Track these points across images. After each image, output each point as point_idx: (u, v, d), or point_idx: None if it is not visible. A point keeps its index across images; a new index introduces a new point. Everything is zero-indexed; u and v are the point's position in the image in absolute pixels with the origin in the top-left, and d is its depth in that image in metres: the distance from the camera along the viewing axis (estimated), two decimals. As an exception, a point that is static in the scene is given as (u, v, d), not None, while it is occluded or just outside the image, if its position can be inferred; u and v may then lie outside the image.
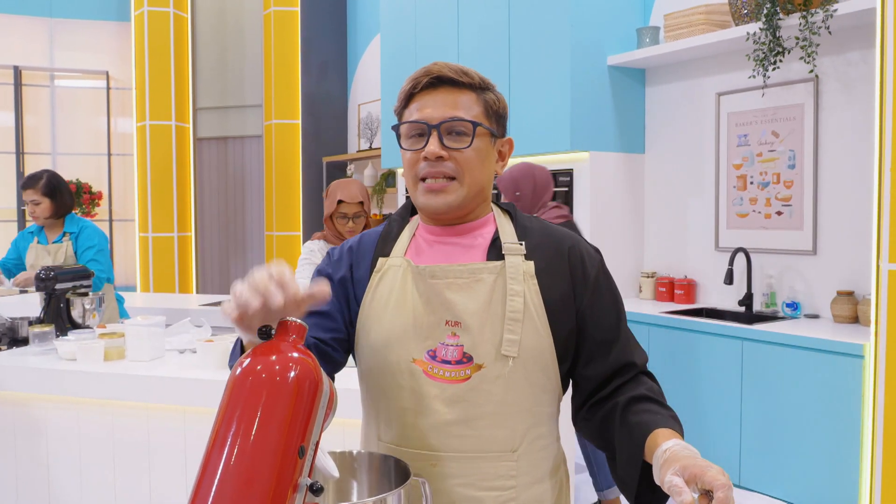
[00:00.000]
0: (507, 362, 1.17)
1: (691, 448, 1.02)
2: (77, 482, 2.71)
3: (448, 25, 5.20)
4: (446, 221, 1.27)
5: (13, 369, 2.72)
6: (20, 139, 7.05)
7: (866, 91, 3.59)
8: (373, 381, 1.25)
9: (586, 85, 4.40)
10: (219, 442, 0.83)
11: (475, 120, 1.21)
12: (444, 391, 1.18)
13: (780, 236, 4.00)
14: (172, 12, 6.98)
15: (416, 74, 1.24)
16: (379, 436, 1.26)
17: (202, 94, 7.43)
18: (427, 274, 1.21)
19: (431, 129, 1.20)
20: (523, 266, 1.21)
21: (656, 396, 1.20)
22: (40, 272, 3.14)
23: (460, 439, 1.18)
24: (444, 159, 1.20)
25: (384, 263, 1.26)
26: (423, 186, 1.23)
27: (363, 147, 6.99)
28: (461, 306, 1.19)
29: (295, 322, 0.94)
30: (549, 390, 1.23)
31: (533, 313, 1.19)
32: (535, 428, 1.22)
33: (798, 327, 3.53)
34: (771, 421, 3.48)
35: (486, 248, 1.25)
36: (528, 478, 1.21)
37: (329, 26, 7.25)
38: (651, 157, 4.68)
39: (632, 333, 1.29)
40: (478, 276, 1.20)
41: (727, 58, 4.21)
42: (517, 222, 1.28)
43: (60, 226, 3.74)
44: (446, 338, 1.19)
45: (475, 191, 1.24)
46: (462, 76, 1.22)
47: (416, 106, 1.23)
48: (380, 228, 1.34)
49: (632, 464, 1.12)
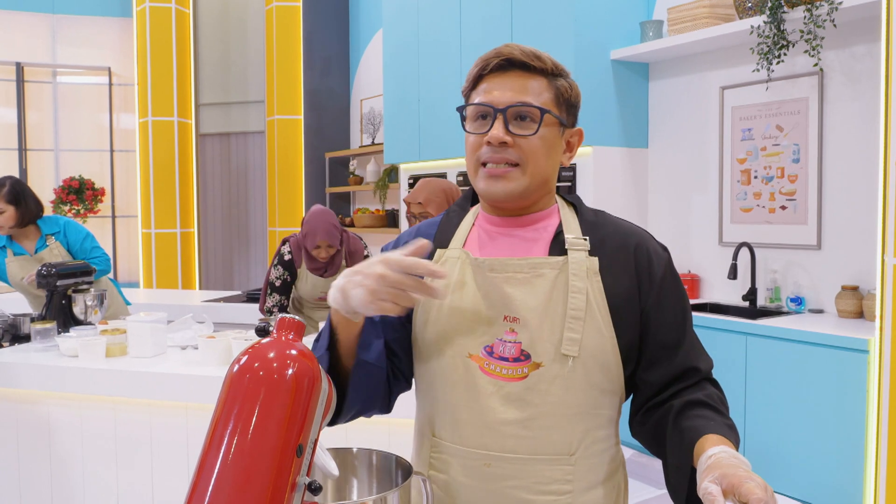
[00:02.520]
0: (566, 362, 1.12)
1: (739, 457, 0.97)
2: (80, 478, 2.71)
3: (450, 20, 5.18)
4: (507, 212, 1.21)
5: (15, 366, 2.72)
6: (23, 136, 7.05)
7: (871, 85, 3.56)
8: (427, 375, 1.21)
9: (589, 79, 4.38)
10: (216, 440, 0.82)
11: (544, 107, 1.15)
12: (500, 389, 1.14)
13: (785, 231, 3.98)
14: (175, 8, 6.97)
15: (486, 55, 1.18)
16: (433, 431, 1.21)
17: (204, 90, 7.43)
18: (486, 267, 1.16)
19: (497, 113, 1.14)
20: (587, 262, 1.16)
21: (713, 402, 1.14)
22: (41, 269, 3.14)
23: (516, 440, 1.13)
24: (507, 145, 1.14)
25: (442, 255, 1.21)
26: (483, 171, 1.17)
27: (366, 142, 6.98)
28: (520, 301, 1.14)
29: (293, 319, 0.93)
30: (610, 392, 1.17)
31: (595, 312, 1.13)
32: (593, 431, 1.16)
33: (802, 322, 3.52)
34: (775, 416, 3.47)
35: (548, 241, 1.19)
36: (584, 483, 1.16)
37: (331, 21, 7.23)
38: (655, 152, 4.66)
39: (698, 338, 1.23)
40: (538, 270, 1.15)
41: (731, 52, 4.18)
42: (582, 216, 1.23)
43: (35, 232, 3.56)
44: (504, 334, 1.14)
45: (538, 181, 1.18)
46: (534, 60, 1.16)
47: (484, 88, 1.17)
48: (438, 219, 1.29)
49: (681, 470, 1.07)
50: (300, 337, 0.94)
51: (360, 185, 6.81)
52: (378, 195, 6.52)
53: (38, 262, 3.50)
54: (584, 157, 4.46)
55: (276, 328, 0.93)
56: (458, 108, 1.20)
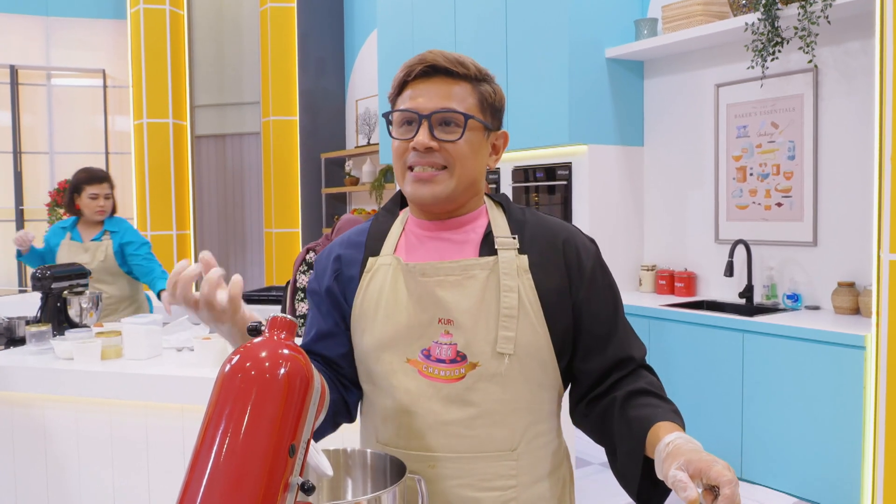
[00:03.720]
0: (503, 360, 1.14)
1: (694, 441, 1.00)
2: (76, 481, 2.70)
3: (445, 20, 5.18)
4: (436, 215, 1.23)
5: (10, 369, 2.71)
6: (17, 138, 7.03)
7: (866, 81, 3.56)
8: (368, 381, 1.23)
9: (584, 78, 4.38)
10: (207, 441, 0.82)
11: (468, 112, 1.17)
12: (439, 391, 1.16)
13: (781, 228, 3.98)
14: (169, 9, 6.95)
15: (410, 62, 1.20)
16: (377, 437, 1.24)
17: (199, 92, 7.41)
18: (417, 272, 1.18)
19: (422, 119, 1.16)
20: (517, 260, 1.18)
21: (656, 390, 1.16)
22: (36, 271, 3.13)
23: (458, 439, 1.16)
24: (433, 150, 1.16)
25: (374, 263, 1.22)
26: (411, 175, 1.18)
27: (361, 143, 6.97)
28: (453, 304, 1.16)
29: (285, 318, 0.92)
30: (549, 387, 1.20)
31: (528, 309, 1.15)
32: (534, 426, 1.19)
33: (799, 319, 3.52)
34: (772, 413, 3.47)
35: (478, 242, 1.21)
36: (528, 477, 1.18)
37: (326, 22, 7.22)
38: (650, 150, 4.66)
39: (630, 326, 1.26)
40: (469, 272, 1.17)
41: (726, 49, 4.18)
42: (510, 215, 1.24)
43: (100, 224, 3.72)
44: (440, 336, 1.16)
45: (465, 184, 1.20)
46: (457, 66, 1.18)
47: (409, 94, 1.19)
48: (366, 225, 1.30)
49: (632, 458, 1.09)
50: (292, 336, 0.93)
51: (356, 185, 6.80)
52: (374, 196, 6.51)
53: (83, 251, 3.63)
54: (580, 156, 4.45)
55: (267, 327, 0.93)
56: (384, 113, 1.23)
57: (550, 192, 4.64)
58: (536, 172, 4.72)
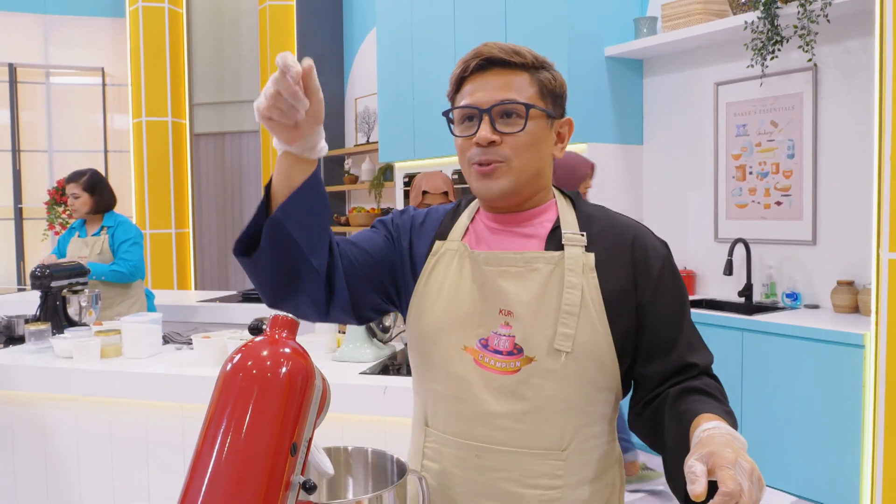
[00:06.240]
0: (559, 357, 1.12)
1: (735, 434, 0.94)
2: (76, 479, 2.70)
3: (444, 18, 5.17)
4: (504, 209, 1.21)
5: (9, 368, 2.71)
6: (16, 137, 7.02)
7: (865, 80, 3.56)
8: (423, 365, 1.22)
9: (584, 76, 4.37)
10: (209, 439, 0.82)
11: (528, 102, 1.15)
12: (492, 381, 1.14)
13: (780, 226, 3.98)
14: (168, 7, 6.94)
15: (465, 57, 1.18)
16: (426, 421, 1.23)
17: (198, 90, 7.40)
18: (482, 260, 1.17)
19: (482, 114, 1.14)
20: (583, 258, 1.15)
21: (711, 390, 1.11)
22: (35, 270, 3.13)
23: (506, 432, 1.14)
24: (496, 144, 1.14)
25: (441, 247, 1.22)
26: (475, 170, 1.17)
27: (360, 141, 6.97)
28: (513, 295, 1.14)
29: (286, 317, 0.92)
30: (605, 388, 1.17)
31: (590, 307, 1.13)
32: (587, 427, 1.16)
33: (798, 318, 3.52)
34: (772, 411, 3.47)
35: (545, 236, 1.19)
36: (575, 478, 1.16)
37: (325, 20, 7.21)
38: (649, 149, 4.66)
39: (698, 333, 1.22)
40: (533, 265, 1.15)
41: (725, 47, 4.18)
42: (580, 210, 1.23)
43: (100, 221, 3.90)
44: (499, 327, 1.14)
45: (529, 175, 1.17)
46: (513, 56, 1.15)
47: (468, 90, 1.17)
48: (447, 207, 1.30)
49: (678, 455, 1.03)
50: (294, 335, 0.93)
51: (356, 184, 6.80)
52: (373, 194, 6.50)
53: (83, 245, 3.80)
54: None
55: (269, 326, 0.93)
56: (444, 112, 1.21)
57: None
58: (536, 171, 4.72)
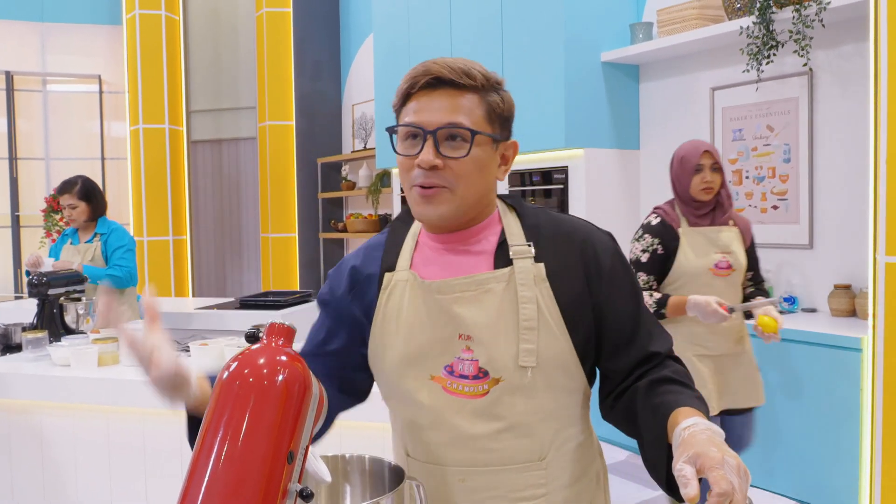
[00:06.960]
0: (526, 373, 1.12)
1: (714, 428, 0.96)
2: (73, 488, 2.69)
3: (441, 24, 5.18)
4: (446, 229, 1.20)
5: (7, 376, 2.70)
6: (13, 144, 7.02)
7: (861, 84, 3.57)
8: (395, 399, 1.22)
9: (580, 81, 4.38)
10: (206, 447, 0.82)
11: (474, 128, 1.12)
12: (464, 406, 1.14)
13: (777, 230, 3.99)
14: (164, 15, 6.95)
15: (414, 72, 1.14)
16: (407, 451, 1.23)
17: (195, 97, 7.41)
18: (434, 289, 1.15)
19: (427, 135, 1.11)
20: (533, 269, 1.14)
21: (679, 377, 1.13)
22: (32, 278, 3.13)
23: (487, 453, 1.14)
24: (438, 168, 1.11)
25: (391, 279, 1.19)
26: (416, 193, 1.14)
27: (357, 147, 6.97)
28: (470, 320, 1.13)
29: (283, 325, 0.92)
30: (575, 391, 1.18)
31: (548, 318, 1.13)
32: (562, 431, 1.18)
33: (795, 321, 3.52)
34: (769, 415, 3.47)
35: (493, 252, 1.18)
36: (559, 482, 1.17)
37: (322, 27, 7.23)
38: (646, 154, 4.67)
39: (653, 318, 1.22)
40: (485, 286, 1.14)
41: (721, 52, 4.19)
42: (524, 220, 1.21)
43: (93, 228, 3.90)
44: (461, 352, 1.14)
45: (472, 201, 1.16)
46: (463, 77, 1.13)
47: (414, 107, 1.14)
48: (382, 238, 1.27)
49: (658, 446, 1.05)
50: (290, 343, 0.93)
51: (353, 190, 6.80)
52: (371, 200, 6.51)
53: (75, 252, 3.81)
54: (576, 160, 4.46)
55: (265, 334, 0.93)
56: (388, 128, 1.18)
57: (547, 196, 4.64)
58: (533, 176, 4.72)
